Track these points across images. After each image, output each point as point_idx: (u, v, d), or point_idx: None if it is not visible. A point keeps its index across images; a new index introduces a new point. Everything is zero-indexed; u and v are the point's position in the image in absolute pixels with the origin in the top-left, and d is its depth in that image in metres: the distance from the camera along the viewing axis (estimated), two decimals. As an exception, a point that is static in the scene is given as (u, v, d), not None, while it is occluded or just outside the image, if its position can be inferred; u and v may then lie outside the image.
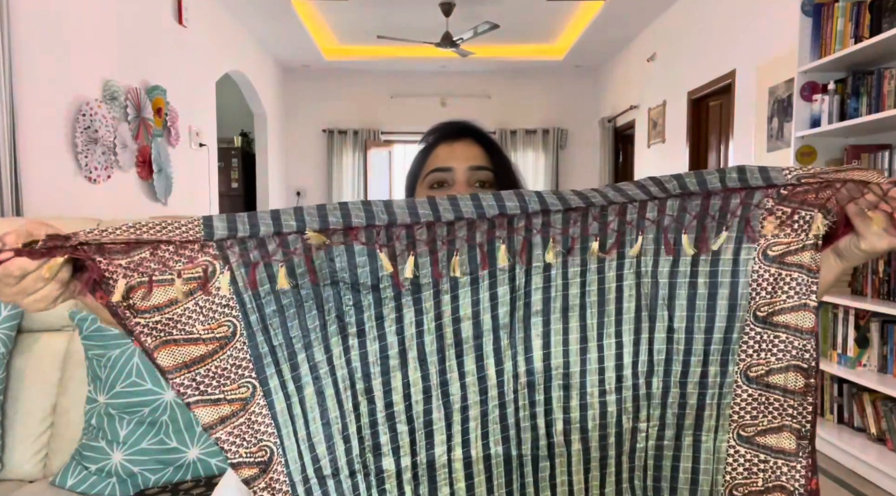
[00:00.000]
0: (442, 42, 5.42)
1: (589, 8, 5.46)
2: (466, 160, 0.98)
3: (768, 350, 0.66)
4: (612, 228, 0.66)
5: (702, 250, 0.66)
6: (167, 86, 3.97)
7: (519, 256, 0.66)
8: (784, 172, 0.65)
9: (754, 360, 0.67)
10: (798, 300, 0.65)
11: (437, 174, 0.98)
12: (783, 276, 0.65)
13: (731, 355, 0.67)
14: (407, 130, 7.62)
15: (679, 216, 0.66)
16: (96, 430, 1.26)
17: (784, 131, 3.61)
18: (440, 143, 1.02)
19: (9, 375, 1.37)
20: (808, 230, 0.65)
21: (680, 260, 0.67)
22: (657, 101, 5.62)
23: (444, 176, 0.98)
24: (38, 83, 2.76)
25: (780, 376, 0.66)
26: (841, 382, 2.81)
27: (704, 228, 0.66)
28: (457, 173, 0.97)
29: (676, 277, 0.67)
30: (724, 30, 4.39)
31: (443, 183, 0.98)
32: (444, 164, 0.98)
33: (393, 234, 0.63)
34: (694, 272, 0.67)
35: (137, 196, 3.68)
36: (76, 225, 1.52)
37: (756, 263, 0.66)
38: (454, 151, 0.99)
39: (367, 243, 0.63)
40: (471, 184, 0.98)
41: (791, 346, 0.66)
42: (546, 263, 0.66)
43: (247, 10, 5.29)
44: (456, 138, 1.01)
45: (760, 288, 0.66)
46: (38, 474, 1.35)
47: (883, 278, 2.63)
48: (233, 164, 6.70)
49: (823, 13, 2.87)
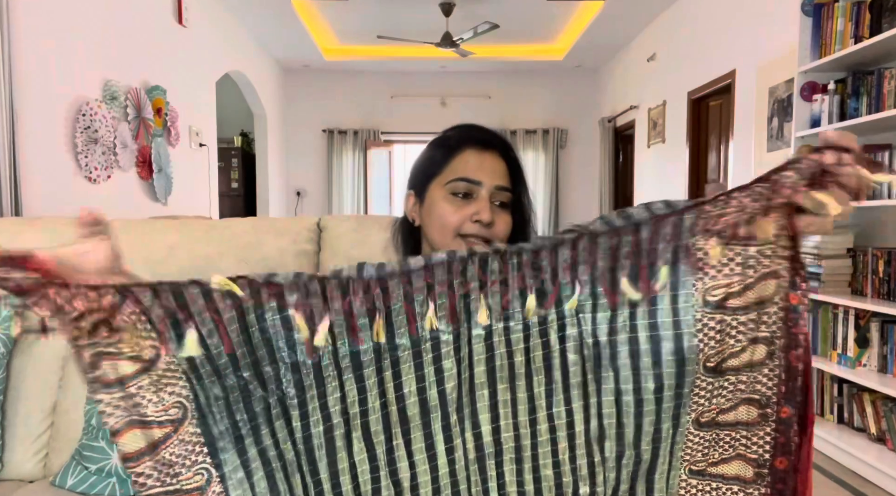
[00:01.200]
0: (442, 42, 5.42)
1: (589, 8, 5.46)
2: (495, 177, 0.96)
3: (719, 395, 0.63)
4: (547, 278, 0.62)
5: (643, 291, 0.61)
6: (167, 86, 3.98)
7: (450, 319, 0.62)
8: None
9: (705, 408, 0.64)
10: (747, 340, 0.62)
11: (465, 184, 0.95)
12: (729, 322, 0.61)
13: (683, 409, 0.63)
14: (407, 130, 7.62)
15: (612, 255, 0.61)
16: (96, 430, 1.26)
17: (784, 131, 3.61)
18: (468, 147, 0.98)
19: (9, 375, 1.37)
20: (753, 264, 0.60)
21: (619, 313, 0.62)
22: (657, 101, 5.62)
23: (472, 188, 0.95)
24: (38, 83, 2.76)
25: (731, 414, 0.64)
26: (841, 382, 2.81)
27: (641, 267, 0.61)
28: (483, 189, 0.95)
29: (616, 334, 0.62)
30: (724, 30, 4.39)
31: (469, 195, 0.95)
32: (474, 176, 0.95)
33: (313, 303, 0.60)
34: (633, 326, 0.62)
35: (137, 196, 3.68)
36: (76, 225, 1.52)
37: (698, 312, 0.61)
38: (484, 163, 0.96)
39: (286, 305, 0.60)
40: (492, 202, 0.95)
41: (741, 384, 0.63)
42: (487, 329, 0.63)
43: (247, 10, 5.29)
44: (486, 147, 0.98)
45: (708, 338, 0.61)
46: (38, 474, 1.35)
47: (883, 278, 2.63)
48: (233, 164, 6.70)
49: (823, 13, 2.87)
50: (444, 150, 0.99)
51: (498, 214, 0.96)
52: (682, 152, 5.07)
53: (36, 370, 1.39)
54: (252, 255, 1.42)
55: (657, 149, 5.69)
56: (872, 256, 2.70)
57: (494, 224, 0.94)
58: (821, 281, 2.81)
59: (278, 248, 1.43)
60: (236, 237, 1.44)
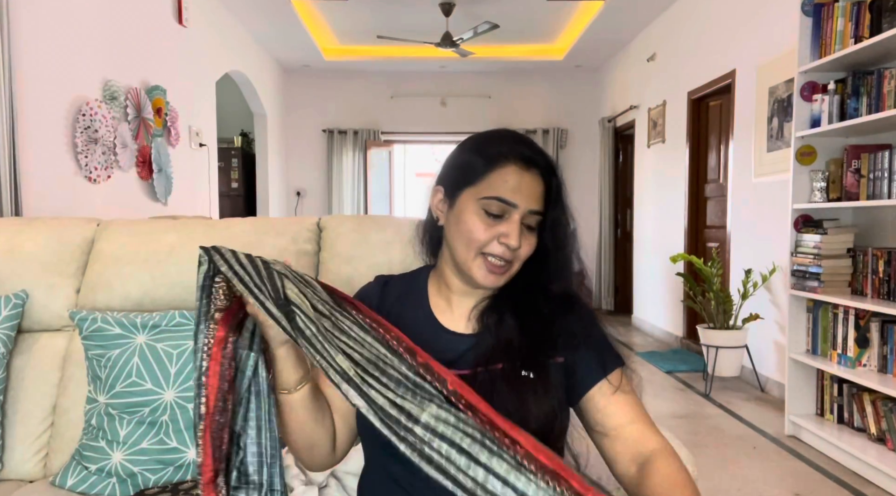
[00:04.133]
0: (442, 42, 5.43)
1: (589, 8, 5.46)
2: (530, 201, 0.93)
3: None
4: None
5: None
6: (167, 86, 3.98)
7: None
8: None
9: None
10: None
11: (502, 205, 0.92)
12: None
13: None
14: (407, 130, 7.62)
15: None
16: (96, 430, 1.26)
17: (784, 131, 3.61)
18: (512, 163, 0.93)
19: (9, 375, 1.37)
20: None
21: None
22: (657, 101, 5.62)
23: (507, 209, 0.92)
24: (38, 83, 2.76)
25: None
26: (841, 382, 2.81)
27: None
28: (517, 212, 0.92)
29: None
30: (724, 30, 4.39)
31: (503, 215, 0.92)
32: (511, 199, 0.92)
33: None
34: None
35: (137, 196, 3.68)
36: (76, 225, 1.52)
37: None
38: (523, 183, 0.93)
39: None
40: (522, 224, 0.93)
41: None
42: None
43: (247, 10, 5.29)
44: (529, 166, 0.94)
45: None
46: (38, 474, 1.35)
47: (883, 278, 2.63)
48: (233, 164, 6.70)
49: (823, 13, 2.86)
50: (486, 161, 0.94)
51: (525, 237, 0.94)
52: (682, 152, 5.08)
53: (36, 370, 1.39)
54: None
55: (657, 149, 5.69)
56: (872, 256, 2.70)
57: (521, 247, 0.93)
58: (821, 281, 2.81)
59: (278, 247, 1.43)
60: (236, 237, 1.44)
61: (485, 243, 0.92)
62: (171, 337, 1.28)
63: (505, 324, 0.94)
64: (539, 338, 0.93)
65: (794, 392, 3.02)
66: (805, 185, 2.98)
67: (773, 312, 3.77)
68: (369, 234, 1.44)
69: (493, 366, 0.90)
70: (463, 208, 0.94)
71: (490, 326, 0.95)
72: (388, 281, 1.07)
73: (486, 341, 0.94)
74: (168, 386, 1.24)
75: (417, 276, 1.07)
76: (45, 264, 1.43)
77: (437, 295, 1.02)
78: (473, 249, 0.93)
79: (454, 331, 0.98)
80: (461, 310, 1.00)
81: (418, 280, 1.06)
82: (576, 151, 7.62)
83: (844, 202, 2.75)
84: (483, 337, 0.95)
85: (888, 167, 2.54)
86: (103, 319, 1.30)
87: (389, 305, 1.03)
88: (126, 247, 1.45)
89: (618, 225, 7.07)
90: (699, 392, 3.83)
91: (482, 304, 0.99)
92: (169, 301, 1.40)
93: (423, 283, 1.05)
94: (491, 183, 0.92)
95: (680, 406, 3.59)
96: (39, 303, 1.41)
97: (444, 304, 1.01)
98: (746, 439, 3.03)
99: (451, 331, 0.98)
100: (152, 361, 1.25)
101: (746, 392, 3.80)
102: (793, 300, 3.02)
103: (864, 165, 2.69)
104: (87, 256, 1.48)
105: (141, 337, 1.28)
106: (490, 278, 0.93)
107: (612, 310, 6.94)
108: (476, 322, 0.98)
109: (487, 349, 0.92)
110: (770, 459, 2.78)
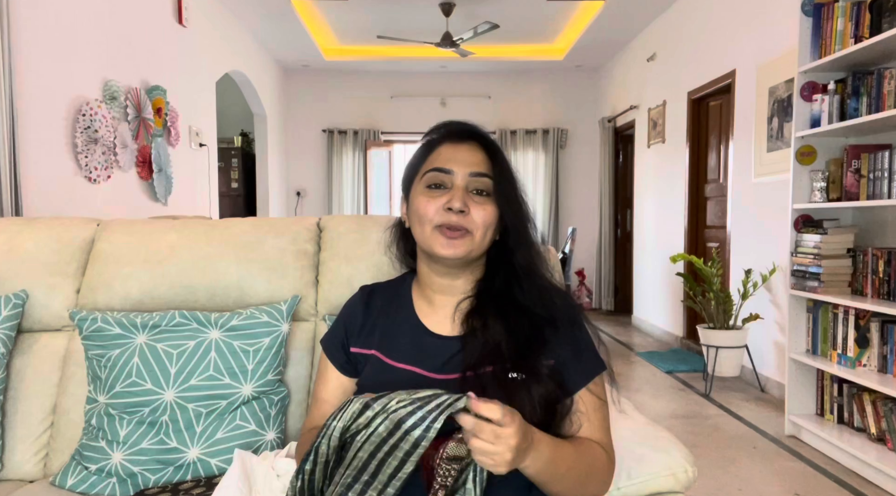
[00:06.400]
0: (442, 42, 5.43)
1: (589, 8, 5.46)
2: (468, 165, 0.96)
3: None
4: None
5: None
6: (167, 86, 3.98)
7: None
8: None
9: None
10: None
11: (436, 174, 0.96)
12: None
13: None
14: (407, 130, 7.62)
15: None
16: (96, 430, 1.26)
17: (784, 131, 3.61)
18: (444, 142, 1.00)
19: (9, 375, 1.37)
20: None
21: None
22: (657, 101, 5.62)
23: (443, 178, 0.96)
24: (38, 83, 2.76)
25: None
26: (841, 382, 2.81)
27: None
28: (456, 177, 0.96)
29: None
30: (724, 30, 4.39)
31: (441, 184, 0.96)
32: (445, 165, 0.96)
33: None
34: None
35: (137, 196, 3.68)
36: (76, 225, 1.52)
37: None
38: (457, 153, 0.97)
39: None
40: (469, 190, 0.96)
41: None
42: None
43: (247, 10, 5.29)
44: (461, 140, 0.99)
45: None
46: (38, 474, 1.35)
47: (883, 278, 2.63)
48: (233, 164, 6.70)
49: (823, 13, 2.86)
50: (424, 149, 1.02)
51: (475, 202, 0.95)
52: (682, 152, 5.08)
53: (36, 370, 1.39)
54: (252, 255, 1.42)
55: (657, 149, 5.69)
56: (872, 256, 2.70)
57: (470, 211, 0.94)
58: (821, 281, 2.81)
59: (278, 248, 1.43)
60: (236, 237, 1.44)
61: (433, 216, 0.95)
62: (171, 337, 1.28)
63: (491, 328, 0.94)
64: (527, 339, 0.93)
65: (794, 392, 3.02)
66: (805, 185, 2.98)
67: (773, 312, 3.77)
68: (369, 234, 1.44)
69: (483, 370, 0.90)
70: (413, 198, 0.99)
71: (476, 329, 0.95)
72: (372, 290, 1.09)
73: (473, 345, 0.94)
74: (168, 386, 1.24)
75: (401, 282, 1.09)
76: (46, 264, 1.43)
77: (420, 297, 1.04)
78: (427, 224, 0.96)
79: (440, 335, 0.99)
80: (445, 310, 1.01)
81: (402, 285, 1.08)
82: (576, 151, 7.62)
83: (844, 202, 2.75)
84: (469, 340, 0.95)
85: (888, 167, 2.54)
86: (103, 319, 1.30)
87: (375, 316, 1.04)
88: (126, 247, 1.45)
89: (618, 225, 7.07)
90: (699, 392, 3.83)
91: (464, 304, 1.00)
92: (169, 301, 1.40)
93: (406, 288, 1.07)
94: (429, 162, 0.99)
95: (680, 406, 3.59)
96: (39, 303, 1.41)
97: (427, 307, 1.02)
98: (746, 439, 3.03)
99: (437, 334, 0.99)
100: (152, 361, 1.25)
101: (746, 392, 3.80)
102: (793, 300, 3.02)
103: (864, 165, 2.69)
104: (87, 256, 1.48)
105: (141, 337, 1.28)
106: (449, 248, 0.94)
107: (612, 310, 6.93)
108: (461, 324, 0.98)
109: (476, 353, 0.93)
110: (770, 459, 2.78)
